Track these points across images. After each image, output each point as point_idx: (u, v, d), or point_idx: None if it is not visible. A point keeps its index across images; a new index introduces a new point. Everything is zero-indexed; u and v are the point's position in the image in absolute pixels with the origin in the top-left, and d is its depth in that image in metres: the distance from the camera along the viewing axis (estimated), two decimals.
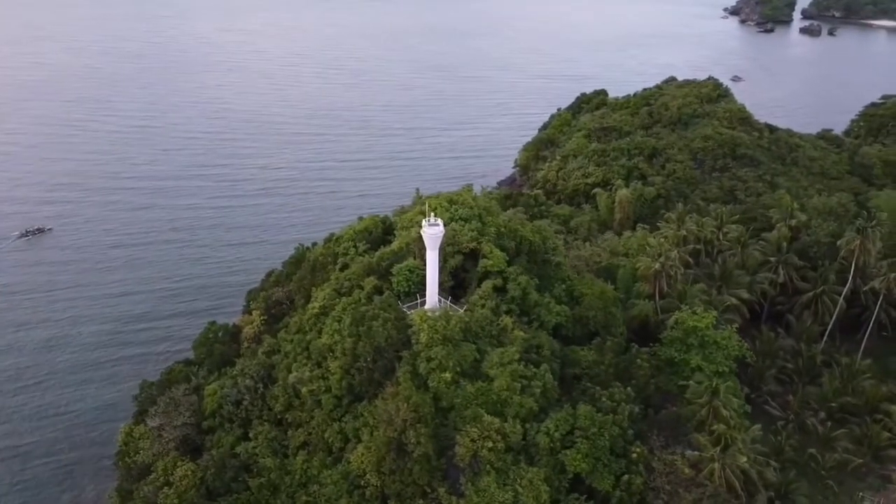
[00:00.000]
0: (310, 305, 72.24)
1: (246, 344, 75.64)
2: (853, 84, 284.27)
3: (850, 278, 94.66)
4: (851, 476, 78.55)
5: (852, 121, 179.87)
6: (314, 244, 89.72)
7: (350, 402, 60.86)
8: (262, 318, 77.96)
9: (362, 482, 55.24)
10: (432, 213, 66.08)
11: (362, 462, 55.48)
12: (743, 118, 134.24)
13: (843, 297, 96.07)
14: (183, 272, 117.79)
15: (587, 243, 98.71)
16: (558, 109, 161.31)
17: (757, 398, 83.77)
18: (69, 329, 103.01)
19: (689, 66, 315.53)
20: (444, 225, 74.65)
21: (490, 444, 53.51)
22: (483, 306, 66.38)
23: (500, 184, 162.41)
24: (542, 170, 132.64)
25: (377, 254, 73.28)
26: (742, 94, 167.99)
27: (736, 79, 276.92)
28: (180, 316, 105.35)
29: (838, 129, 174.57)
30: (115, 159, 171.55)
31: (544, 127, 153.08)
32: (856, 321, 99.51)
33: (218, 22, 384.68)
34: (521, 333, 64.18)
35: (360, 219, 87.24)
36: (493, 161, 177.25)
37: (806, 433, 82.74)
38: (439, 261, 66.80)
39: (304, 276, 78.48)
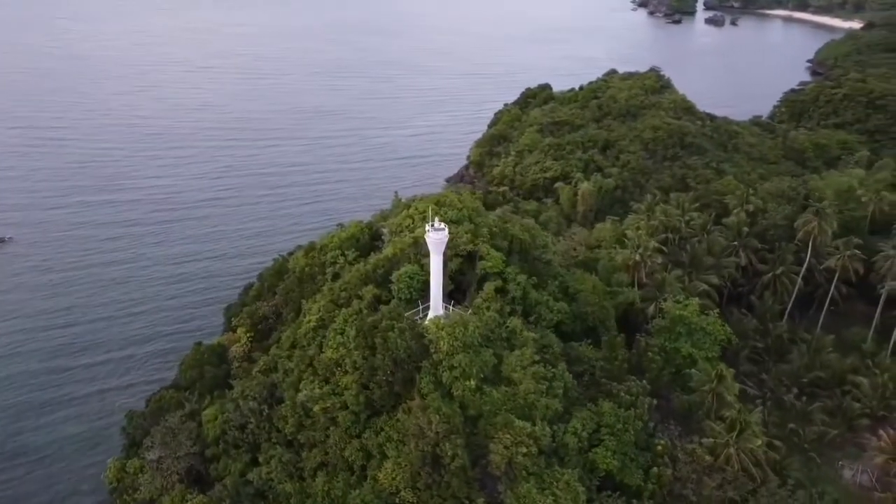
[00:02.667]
0: (305, 319, 69.39)
1: (237, 364, 71.98)
2: (763, 70, 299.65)
3: (808, 257, 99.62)
4: (829, 447, 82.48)
5: (774, 106, 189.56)
6: (290, 254, 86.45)
7: (368, 417, 58.82)
8: (248, 334, 74.41)
9: (397, 500, 53.46)
10: (436, 218, 64.51)
11: (394, 479, 53.73)
12: (686, 108, 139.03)
13: (800, 276, 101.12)
14: (142, 293, 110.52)
15: (560, 238, 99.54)
16: (504, 105, 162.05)
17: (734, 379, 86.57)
18: (18, 365, 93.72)
19: (609, 58, 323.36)
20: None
21: (524, 450, 52.89)
22: (488, 309, 65.58)
23: (448, 181, 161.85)
24: (497, 166, 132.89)
25: (371, 261, 71.12)
26: None
27: (654, 69, 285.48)
28: (146, 341, 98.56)
29: (760, 113, 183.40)
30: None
31: (493, 123, 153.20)
32: (809, 298, 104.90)
33: (119, 24, 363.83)
34: (532, 334, 63.87)
35: (340, 226, 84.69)
36: (439, 159, 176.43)
37: (783, 409, 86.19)
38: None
39: (291, 288, 75.40)
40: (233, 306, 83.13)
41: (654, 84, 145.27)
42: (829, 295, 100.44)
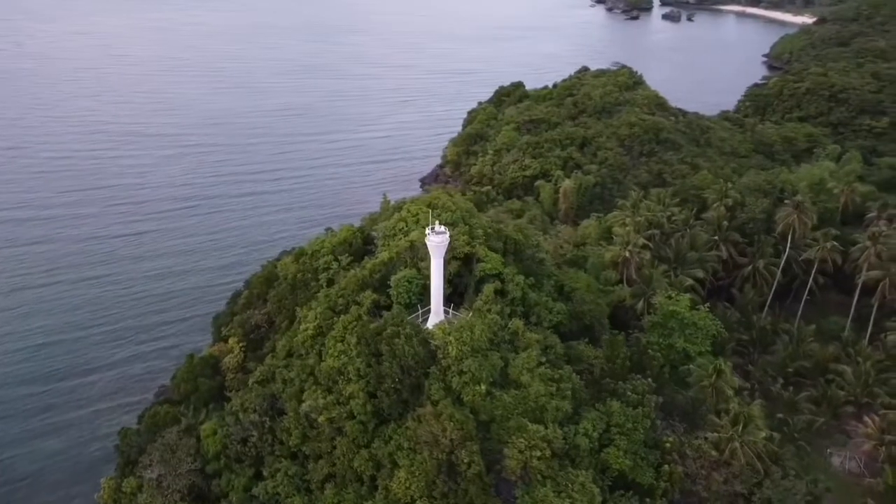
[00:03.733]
0: (301, 327, 67.82)
1: (231, 375, 70.02)
2: (723, 65, 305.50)
3: (787, 249, 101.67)
4: (817, 435, 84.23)
5: (739, 101, 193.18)
6: (277, 260, 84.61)
7: (376, 426, 57.75)
8: (240, 345, 72.48)
9: None
10: (437, 221, 63.64)
11: (408, 488, 52.78)
12: (659, 104, 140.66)
13: (780, 268, 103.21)
14: (118, 308, 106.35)
15: (546, 236, 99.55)
16: (479, 104, 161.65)
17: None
18: None
19: (572, 55, 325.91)
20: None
21: (538, 453, 52.53)
22: (489, 311, 65.06)
23: (422, 181, 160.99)
24: (475, 164, 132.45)
25: (368, 266, 69.89)
26: None
27: (616, 65, 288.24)
28: (129, 357, 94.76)
29: (724, 108, 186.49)
30: None
31: (468, 122, 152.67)
32: (786, 290, 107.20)
33: (70, 24, 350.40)
34: (535, 336, 63.57)
35: (329, 230, 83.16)
36: (411, 158, 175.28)
37: (770, 399, 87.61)
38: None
39: (284, 295, 73.69)
40: (221, 316, 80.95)
41: (627, 81, 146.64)
42: (809, 286, 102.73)
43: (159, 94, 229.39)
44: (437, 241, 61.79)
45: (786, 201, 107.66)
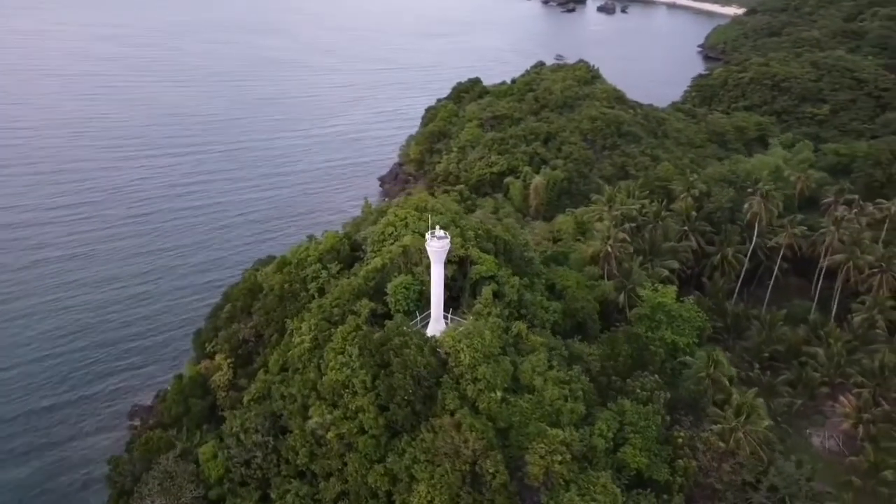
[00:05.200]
0: (295, 339, 65.48)
1: (222, 393, 66.98)
2: (662, 56, 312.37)
3: (755, 237, 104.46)
4: (796, 417, 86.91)
5: (686, 91, 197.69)
6: (257, 269, 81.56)
7: (388, 439, 56.15)
8: (229, 361, 69.45)
9: None
10: (437, 226, 62.25)
11: (430, 502, 51.45)
12: (618, 97, 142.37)
13: (747, 256, 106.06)
14: (81, 329, 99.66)
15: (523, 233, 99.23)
16: (438, 100, 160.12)
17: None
18: None
19: (514, 49, 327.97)
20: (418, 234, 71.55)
21: (559, 458, 52.08)
22: (489, 314, 64.28)
23: (381, 180, 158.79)
24: (439, 162, 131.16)
25: (361, 274, 67.97)
26: None
27: (559, 58, 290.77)
28: (100, 383, 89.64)
29: (669, 99, 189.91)
30: None
31: (429, 119, 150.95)
32: (751, 276, 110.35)
33: None
34: (540, 338, 63.12)
35: (311, 237, 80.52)
36: (367, 159, 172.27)
37: (749, 384, 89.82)
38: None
39: (272, 307, 70.95)
40: (203, 331, 77.32)
41: (586, 75, 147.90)
42: (775, 271, 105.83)
43: (87, 100, 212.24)
44: (438, 247, 60.54)
45: (749, 190, 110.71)
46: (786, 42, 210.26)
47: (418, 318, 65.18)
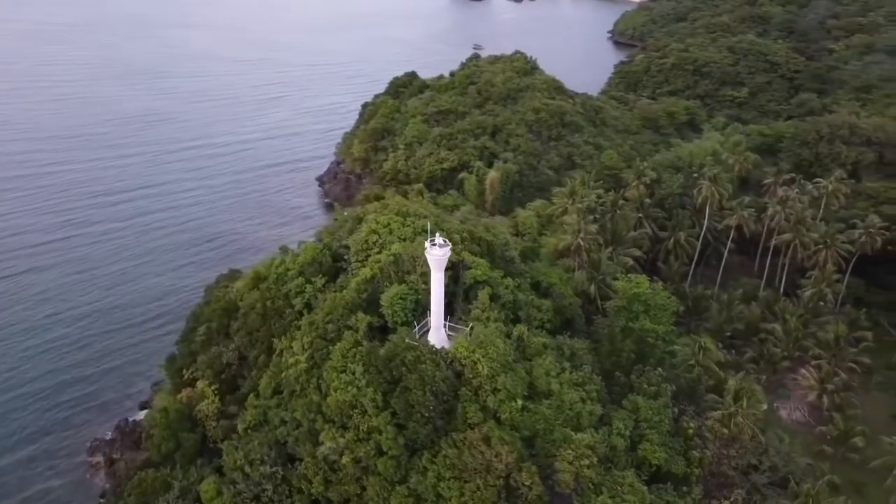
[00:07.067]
0: (289, 360, 62.08)
1: (212, 424, 62.66)
2: (575, 43, 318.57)
3: (706, 220, 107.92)
4: (763, 392, 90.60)
5: (610, 78, 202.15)
6: (226, 286, 76.86)
7: (408, 458, 54.09)
8: (214, 388, 65.11)
9: None
10: (437, 233, 60.24)
11: None
12: (557, 87, 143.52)
13: (699, 239, 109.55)
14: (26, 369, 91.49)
15: None
16: (375, 96, 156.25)
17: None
18: None
19: (428, 39, 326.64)
20: (406, 241, 69.52)
21: (587, 462, 51.71)
22: (488, 319, 63.12)
23: (320, 180, 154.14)
24: (386, 160, 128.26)
25: (352, 286, 65.09)
26: None
27: (477, 47, 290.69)
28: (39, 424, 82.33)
29: (590, 86, 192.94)
30: None
31: (369, 116, 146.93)
32: (699, 257, 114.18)
33: None
34: (542, 339, 62.50)
35: (284, 249, 76.57)
36: (303, 159, 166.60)
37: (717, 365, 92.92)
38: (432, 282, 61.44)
39: (254, 327, 66.99)
40: (178, 357, 72.02)
41: (525, 66, 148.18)
42: (725, 252, 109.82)
43: None
44: (439, 255, 58.63)
45: (695, 174, 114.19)
46: (700, 28, 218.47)
47: (416, 329, 63.12)
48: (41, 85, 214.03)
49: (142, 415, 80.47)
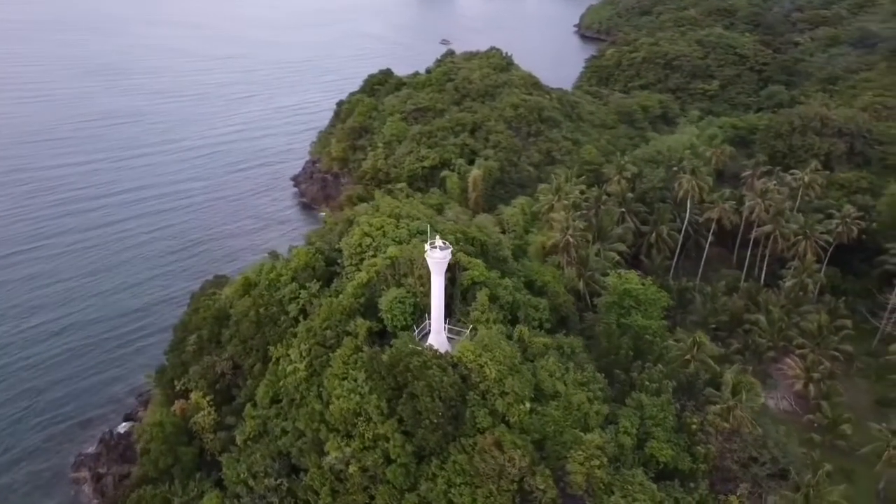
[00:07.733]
0: (287, 368, 60.72)
1: (210, 436, 60.94)
2: (543, 37, 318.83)
3: (688, 213, 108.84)
4: (759, 385, 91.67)
5: (581, 73, 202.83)
6: (213, 293, 74.93)
7: (417, 465, 53.29)
8: (209, 399, 63.36)
9: None
10: (437, 236, 59.38)
11: None
12: (534, 83, 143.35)
13: (681, 232, 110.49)
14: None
15: None
16: (350, 94, 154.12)
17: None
18: None
19: (399, 35, 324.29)
20: (401, 244, 68.59)
21: (597, 462, 51.54)
22: (488, 320, 62.58)
23: (295, 179, 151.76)
24: (365, 159, 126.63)
25: (349, 291, 63.90)
26: None
27: (445, 42, 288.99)
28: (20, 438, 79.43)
29: (561, 81, 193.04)
30: None
31: (346, 115, 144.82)
32: (679, 250, 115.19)
33: None
34: (543, 339, 62.17)
35: (273, 254, 74.86)
36: (276, 159, 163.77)
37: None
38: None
39: (248, 334, 65.34)
40: (168, 368, 69.86)
41: (501, 62, 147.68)
42: (707, 245, 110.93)
43: None
44: (440, 258, 57.86)
45: (675, 168, 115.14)
46: (668, 21, 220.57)
47: (416, 332, 62.25)
48: None
49: (126, 426, 78.27)
